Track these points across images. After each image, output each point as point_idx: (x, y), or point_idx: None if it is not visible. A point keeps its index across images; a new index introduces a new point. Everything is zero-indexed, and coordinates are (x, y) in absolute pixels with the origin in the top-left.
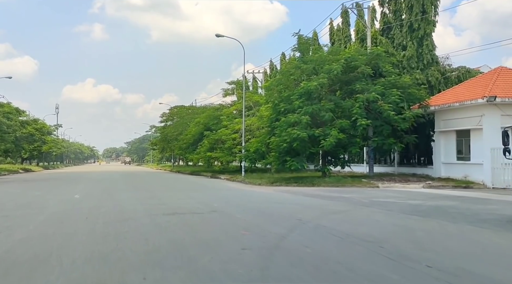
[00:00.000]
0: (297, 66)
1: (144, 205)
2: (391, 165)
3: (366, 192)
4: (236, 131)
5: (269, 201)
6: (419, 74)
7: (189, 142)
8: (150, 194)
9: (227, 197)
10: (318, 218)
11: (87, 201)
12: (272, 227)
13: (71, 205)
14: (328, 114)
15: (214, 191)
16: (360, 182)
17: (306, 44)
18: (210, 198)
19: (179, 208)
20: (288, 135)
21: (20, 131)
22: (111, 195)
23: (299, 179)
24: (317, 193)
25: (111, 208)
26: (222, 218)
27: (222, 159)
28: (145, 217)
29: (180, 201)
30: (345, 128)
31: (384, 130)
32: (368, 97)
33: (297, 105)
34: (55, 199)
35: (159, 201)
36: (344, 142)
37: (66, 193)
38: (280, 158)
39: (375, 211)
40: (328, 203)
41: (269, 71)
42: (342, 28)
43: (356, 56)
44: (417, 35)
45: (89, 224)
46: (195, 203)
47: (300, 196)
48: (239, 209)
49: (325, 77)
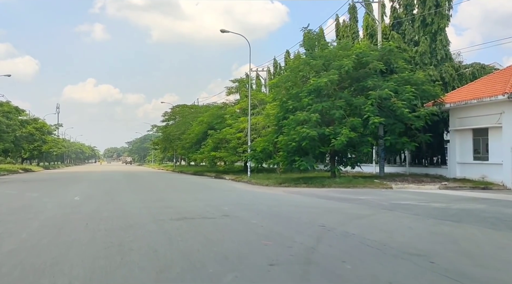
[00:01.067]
0: (306, 62)
1: (149, 208)
2: (401, 165)
3: (381, 193)
4: (241, 130)
5: (282, 203)
6: (432, 70)
7: (192, 142)
8: (155, 196)
9: (236, 199)
10: (342, 224)
11: (87, 204)
12: (295, 235)
13: (70, 208)
14: (339, 112)
15: (220, 192)
16: (372, 182)
17: (315, 39)
18: (218, 201)
19: (187, 212)
20: (297, 133)
21: (19, 131)
22: (113, 197)
23: (308, 180)
24: (330, 195)
25: (114, 212)
26: (237, 224)
27: (226, 159)
28: (152, 223)
29: (187, 204)
30: (356, 127)
31: (397, 129)
32: (381, 94)
33: (306, 103)
34: (53, 202)
35: (164, 203)
36: (355, 141)
37: (65, 194)
38: (288, 158)
39: (401, 215)
40: (346, 206)
41: (273, 69)
42: (350, 24)
43: (367, 52)
44: (430, 30)
45: (89, 232)
46: (204, 206)
47: (314, 198)
48: (252, 213)
49: (335, 73)
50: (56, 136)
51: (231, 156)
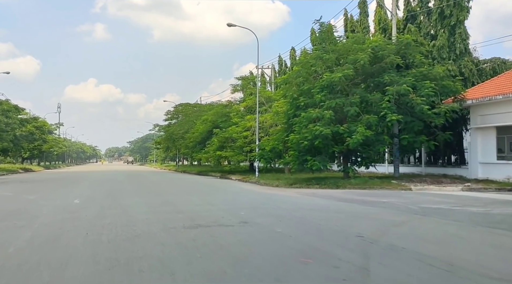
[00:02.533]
0: (318, 56)
1: (156, 213)
2: (416, 164)
3: (402, 195)
4: (248, 128)
5: (301, 207)
6: (451, 65)
7: (196, 141)
8: (161, 198)
9: (249, 202)
10: (382, 233)
11: (88, 208)
12: (335, 250)
13: (68, 213)
14: (354, 109)
15: (231, 194)
16: (389, 184)
17: (327, 32)
18: (231, 204)
19: (200, 218)
20: (309, 132)
21: (19, 130)
22: (116, 200)
23: (320, 180)
24: (348, 197)
25: (118, 218)
26: (261, 234)
27: (232, 158)
28: (162, 233)
29: (198, 208)
30: (371, 125)
31: (415, 127)
32: (399, 90)
33: (319, 99)
34: (51, 205)
35: (173, 208)
36: (370, 140)
37: (64, 197)
38: (299, 158)
39: (441, 222)
40: (373, 210)
41: (278, 67)
42: (360, 19)
43: (383, 45)
44: (448, 22)
45: (89, 245)
46: (216, 210)
47: (333, 201)
48: (273, 219)
49: (350, 68)
50: (57, 136)
51: (238, 156)
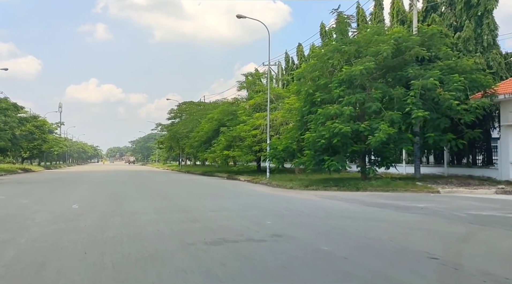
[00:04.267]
0: (336, 48)
1: (168, 223)
2: (437, 165)
3: (435, 199)
4: (256, 127)
5: (332, 214)
6: (479, 58)
7: (202, 140)
8: (170, 202)
9: (270, 208)
10: (454, 253)
11: (88, 215)
12: (416, 280)
13: (64, 222)
14: (376, 105)
15: (245, 197)
16: (414, 186)
17: (346, 23)
18: (251, 210)
19: (221, 229)
20: (326, 129)
21: (18, 129)
22: (120, 205)
23: (338, 182)
24: (377, 201)
25: (123, 230)
26: (306, 254)
27: (241, 158)
28: (180, 252)
29: (215, 215)
30: (394, 122)
31: (441, 124)
32: (425, 84)
33: (337, 94)
34: (45, 211)
35: (186, 215)
36: (393, 138)
37: (62, 201)
38: (316, 157)
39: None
40: (416, 218)
41: (284, 64)
42: (375, 12)
43: (406, 37)
44: (475, 12)
45: (88, 272)
46: (236, 217)
47: (362, 206)
48: (308, 230)
49: (371, 60)
50: (57, 135)
51: (246, 155)
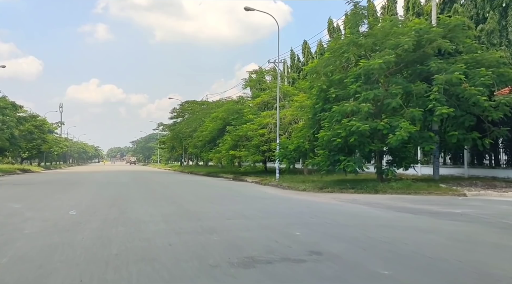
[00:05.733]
0: (352, 41)
1: (181, 234)
2: (454, 165)
3: (468, 203)
4: (264, 126)
5: (365, 222)
6: (504, 52)
7: (206, 140)
8: (178, 207)
9: (292, 214)
10: None
11: (86, 224)
12: None
13: (59, 234)
14: (396, 101)
15: (259, 201)
16: (438, 188)
17: (361, 15)
18: (270, 216)
19: (246, 244)
20: (343, 128)
21: (16, 128)
22: (123, 211)
23: (355, 183)
24: (406, 206)
25: (129, 245)
26: (362, 281)
27: (248, 158)
28: (203, 278)
29: (233, 224)
30: (415, 119)
31: (466, 121)
32: (449, 79)
33: (354, 90)
34: (38, 219)
35: (200, 223)
36: (414, 137)
37: (58, 205)
38: (330, 158)
39: None
40: (459, 226)
41: (290, 61)
42: (388, 5)
43: (427, 28)
44: (499, 3)
45: None
46: (259, 227)
47: (391, 211)
48: (349, 245)
49: (391, 53)
50: (57, 135)
51: (253, 155)
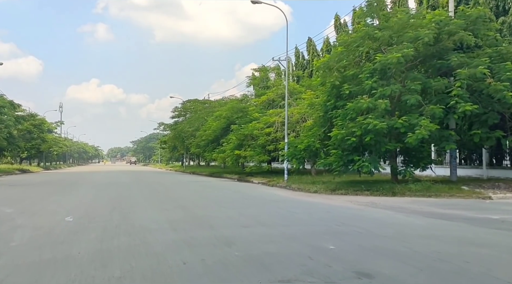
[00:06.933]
0: (367, 34)
1: (194, 246)
2: (471, 166)
3: (498, 208)
4: (270, 124)
5: (401, 232)
6: None
7: (209, 139)
8: (186, 212)
9: (315, 222)
10: None
11: (84, 233)
12: None
13: (51, 247)
14: (415, 98)
15: (273, 205)
16: (460, 190)
17: (376, 8)
18: (292, 224)
19: (275, 262)
20: (358, 126)
21: (15, 127)
22: (126, 216)
23: (369, 185)
24: (433, 211)
25: (133, 262)
26: None
27: (254, 158)
28: None
29: (253, 235)
30: (435, 117)
31: (489, 119)
32: (473, 73)
33: (369, 86)
34: (30, 227)
35: (213, 233)
36: (434, 136)
37: (54, 210)
38: (343, 158)
39: None
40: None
41: (294, 59)
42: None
43: (448, 20)
44: None
45: None
46: (285, 239)
47: (422, 217)
48: (398, 263)
49: (410, 47)
50: (57, 135)
51: (259, 155)
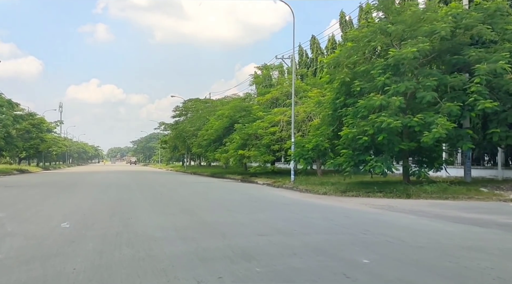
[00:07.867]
0: (380, 28)
1: (209, 262)
2: (484, 166)
3: None
4: (275, 123)
5: (436, 242)
6: None
7: (211, 139)
8: (194, 218)
9: (335, 228)
10: None
11: (81, 243)
12: None
13: (42, 261)
14: (431, 95)
15: (285, 209)
16: (479, 192)
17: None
18: (313, 232)
19: (303, 278)
20: (370, 124)
21: (13, 127)
22: (128, 222)
23: (381, 187)
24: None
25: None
26: None
27: (258, 158)
28: None
29: (273, 246)
30: (451, 115)
31: (509, 117)
32: (493, 69)
33: (382, 83)
34: (21, 235)
35: (227, 243)
36: (450, 135)
37: (49, 214)
38: (354, 158)
39: None
40: None
41: (298, 57)
42: None
43: (465, 14)
44: None
45: None
46: (310, 252)
47: (448, 223)
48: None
49: (425, 41)
50: (57, 135)
51: (263, 155)
